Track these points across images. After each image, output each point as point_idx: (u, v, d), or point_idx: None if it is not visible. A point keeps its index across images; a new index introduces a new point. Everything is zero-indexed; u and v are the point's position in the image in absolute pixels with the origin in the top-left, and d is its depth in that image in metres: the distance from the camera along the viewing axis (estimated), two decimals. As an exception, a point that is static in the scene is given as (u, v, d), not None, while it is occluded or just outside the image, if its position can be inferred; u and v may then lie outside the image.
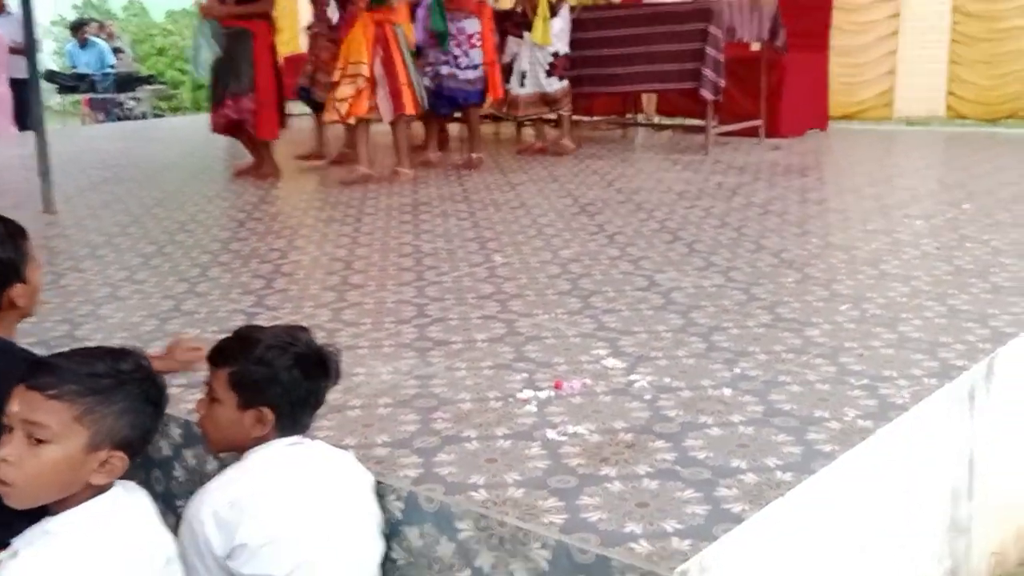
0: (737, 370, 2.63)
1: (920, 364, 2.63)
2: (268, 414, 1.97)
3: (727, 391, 2.48)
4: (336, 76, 5.79)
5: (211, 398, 2.01)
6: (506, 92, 6.77)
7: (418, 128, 7.05)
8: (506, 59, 6.79)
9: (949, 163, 6.56)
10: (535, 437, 2.23)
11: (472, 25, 6.41)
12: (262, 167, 6.30)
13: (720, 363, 2.69)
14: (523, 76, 6.72)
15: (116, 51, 13.00)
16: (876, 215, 4.69)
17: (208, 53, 6.04)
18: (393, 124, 6.02)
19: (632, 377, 2.60)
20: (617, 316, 3.18)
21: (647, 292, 3.46)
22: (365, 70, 5.69)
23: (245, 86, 6.06)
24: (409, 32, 5.96)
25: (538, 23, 6.57)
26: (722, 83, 6.56)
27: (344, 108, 5.75)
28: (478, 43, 6.42)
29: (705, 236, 4.31)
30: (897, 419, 2.28)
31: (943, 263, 3.73)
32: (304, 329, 2.13)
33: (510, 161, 6.77)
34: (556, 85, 6.73)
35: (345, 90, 5.72)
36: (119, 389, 1.76)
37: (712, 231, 4.40)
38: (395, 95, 5.79)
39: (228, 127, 6.24)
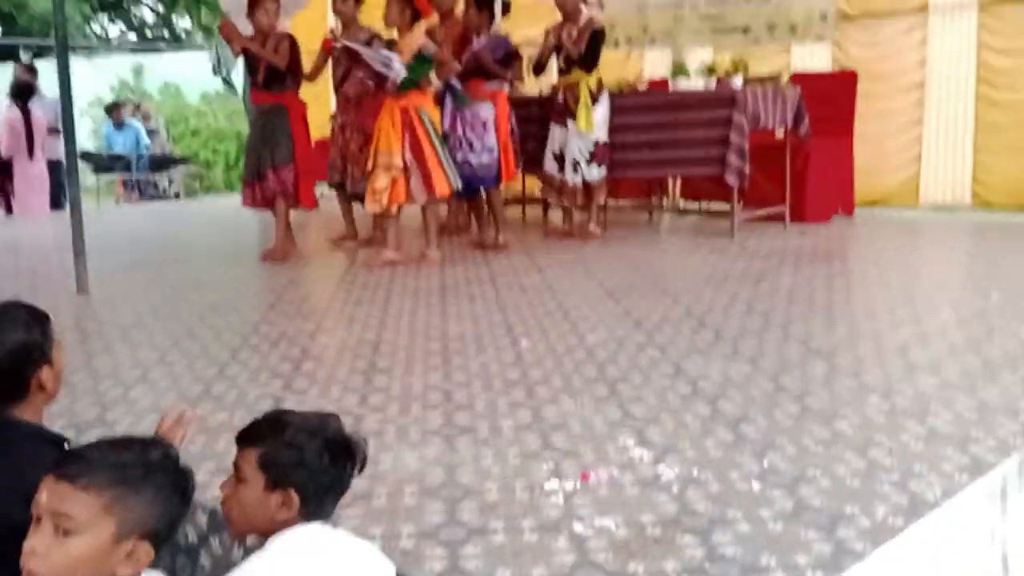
0: (766, 463, 2.61)
1: (951, 459, 2.60)
2: (294, 498, 1.97)
3: (756, 484, 2.46)
4: (370, 166, 5.90)
5: (238, 478, 2.02)
6: (559, 180, 6.87)
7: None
8: (555, 148, 6.90)
9: (976, 251, 6.55)
10: (561, 529, 2.22)
11: (486, 110, 6.54)
12: (284, 246, 6.36)
13: (748, 455, 2.68)
14: (575, 164, 6.82)
15: (151, 132, 13.29)
16: (903, 304, 4.68)
17: (229, 56, 6.17)
18: (423, 208, 6.11)
19: (659, 468, 2.59)
20: (644, 404, 3.18)
21: (674, 380, 3.46)
22: (397, 159, 5.80)
23: (285, 157, 6.18)
24: (435, 115, 6.07)
25: (581, 111, 6.67)
26: (747, 169, 6.61)
27: (384, 199, 5.85)
28: (491, 128, 6.55)
29: (732, 323, 4.31)
30: (928, 516, 2.25)
31: (972, 355, 3.71)
32: (334, 416, 2.14)
33: (537, 244, 6.83)
34: (597, 172, 6.83)
35: (381, 181, 5.82)
36: (147, 479, 1.76)
37: (739, 318, 4.40)
38: (426, 178, 5.89)
39: (264, 201, 6.33)
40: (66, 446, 2.10)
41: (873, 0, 7.95)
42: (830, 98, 7.54)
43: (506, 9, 6.71)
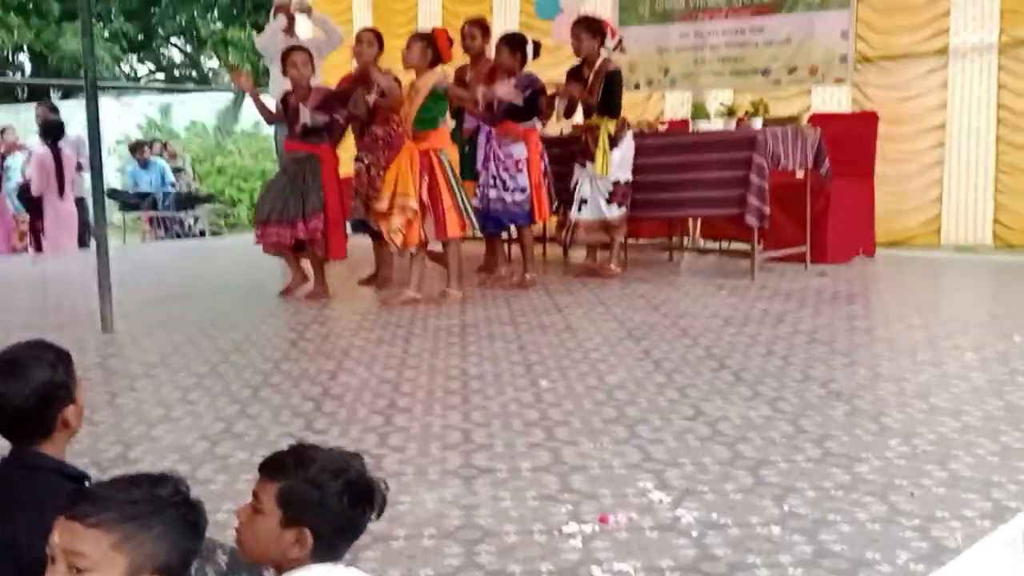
0: (786, 507, 2.61)
1: (973, 504, 2.59)
2: (308, 536, 1.98)
3: (776, 529, 2.46)
4: (385, 205, 5.94)
5: (255, 508, 2.03)
6: (567, 217, 6.93)
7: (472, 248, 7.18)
8: (573, 184, 6.97)
9: (997, 293, 6.52)
10: (580, 574, 2.22)
11: (519, 150, 6.59)
12: (315, 288, 6.41)
13: (768, 499, 2.67)
14: (583, 202, 6.86)
15: (177, 171, 13.46)
16: (924, 345, 4.67)
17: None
18: (444, 246, 6.15)
19: (678, 512, 2.59)
20: (663, 446, 3.18)
21: (693, 422, 3.45)
22: (413, 201, 5.85)
23: (315, 206, 6.22)
24: (454, 155, 6.13)
25: (599, 155, 6.73)
26: (767, 210, 6.62)
27: (399, 239, 5.92)
28: (524, 167, 6.60)
29: (752, 364, 4.30)
30: (950, 563, 2.24)
31: (994, 398, 3.69)
32: (358, 457, 2.15)
33: (557, 283, 6.85)
34: (616, 212, 6.86)
35: (396, 221, 5.88)
36: (157, 515, 1.78)
37: (759, 359, 4.40)
38: (439, 221, 5.94)
39: (282, 247, 6.37)
40: (87, 484, 2.13)
41: (893, 43, 7.98)
42: (851, 139, 7.55)
43: (537, 52, 6.79)
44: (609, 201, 6.84)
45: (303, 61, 6.29)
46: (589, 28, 6.80)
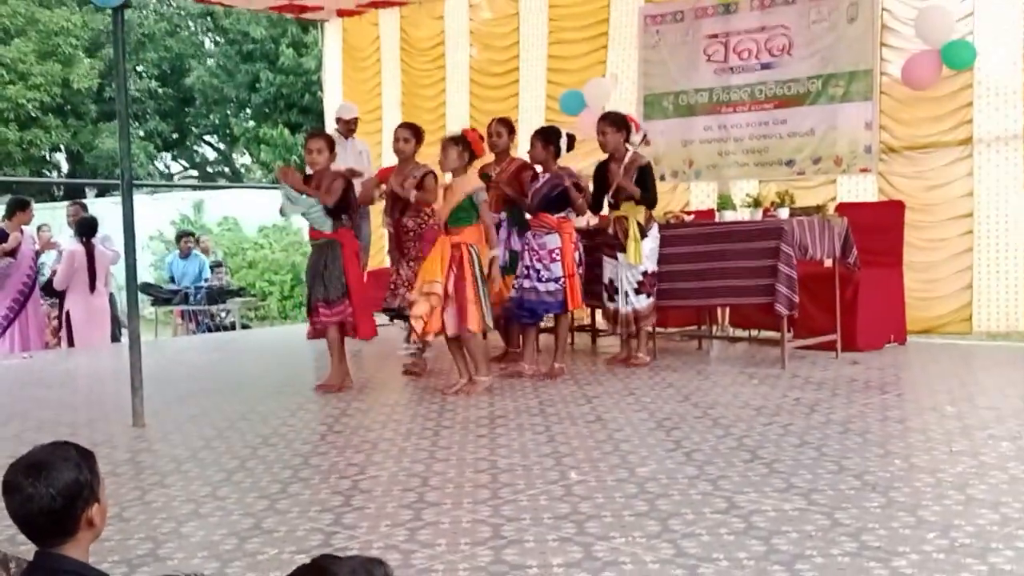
0: (822, 603, 2.55)
1: (1015, 600, 2.52)
2: None
3: (812, 626, 2.40)
4: (415, 295, 6.05)
5: None
6: (612, 310, 6.98)
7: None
8: (605, 279, 7.01)
9: (1034, 379, 6.43)
10: (613, 673, 2.18)
11: (553, 241, 6.69)
12: (331, 377, 6.43)
13: (804, 595, 2.62)
14: (626, 294, 6.93)
15: (217, 266, 13.66)
16: (959, 435, 4.60)
17: (290, 204, 6.41)
18: (464, 340, 6.17)
19: (713, 609, 2.54)
20: (696, 541, 3.13)
21: (727, 515, 3.41)
22: (439, 288, 5.93)
23: (338, 291, 6.30)
24: (483, 253, 6.20)
25: (631, 245, 6.80)
26: (796, 298, 6.62)
27: (419, 325, 5.99)
28: (558, 257, 6.68)
29: (785, 455, 4.25)
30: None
31: (1034, 488, 3.62)
32: (381, 563, 2.12)
33: (586, 372, 6.84)
34: (644, 302, 6.91)
35: (421, 307, 5.97)
36: None
37: (792, 450, 4.35)
38: (460, 311, 6.00)
39: (320, 332, 6.44)
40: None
41: (917, 133, 8.04)
42: (878, 228, 7.57)
43: (571, 145, 6.92)
44: (639, 291, 6.88)
45: (319, 148, 6.42)
46: (615, 123, 6.93)
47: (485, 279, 6.11)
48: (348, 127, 9.10)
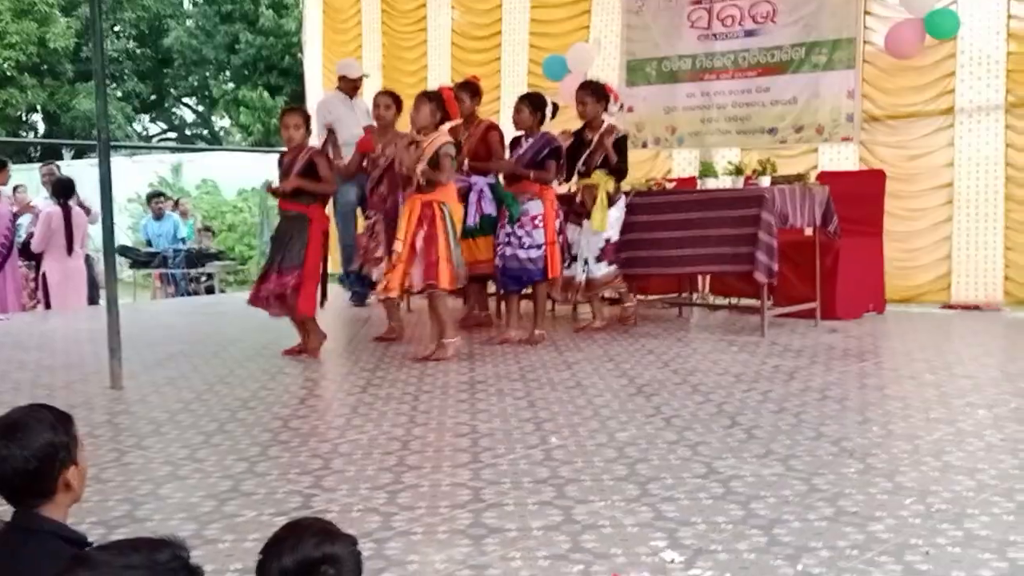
0: (800, 566, 2.57)
1: (989, 564, 2.55)
2: None
3: (789, 589, 2.42)
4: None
5: None
6: (569, 278, 6.97)
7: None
8: (569, 243, 7.02)
9: (1010, 350, 6.48)
10: (592, 634, 2.19)
11: (536, 207, 6.66)
12: (308, 342, 6.41)
13: (782, 559, 2.64)
14: (586, 262, 6.93)
15: (206, 228, 13.54)
16: (937, 403, 4.63)
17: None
18: (431, 299, 6.15)
19: (691, 572, 2.56)
20: (676, 505, 3.15)
21: (706, 480, 3.42)
22: (399, 246, 5.93)
23: (293, 262, 6.24)
24: (457, 211, 6.18)
25: (597, 212, 6.79)
26: (775, 267, 6.63)
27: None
28: (540, 224, 6.65)
29: (764, 421, 4.28)
30: (968, 624, 2.20)
31: (1009, 456, 3.65)
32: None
33: (566, 339, 6.84)
34: (604, 270, 6.94)
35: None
36: None
37: (771, 416, 4.37)
38: (428, 267, 5.96)
39: (263, 300, 6.39)
40: (87, 547, 2.12)
41: (899, 102, 8.05)
42: (858, 197, 7.58)
43: (555, 113, 6.89)
44: (599, 259, 6.91)
45: (295, 124, 6.35)
46: (595, 93, 6.92)
47: (458, 238, 6.10)
48: (353, 85, 8.86)
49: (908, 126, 8.04)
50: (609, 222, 6.86)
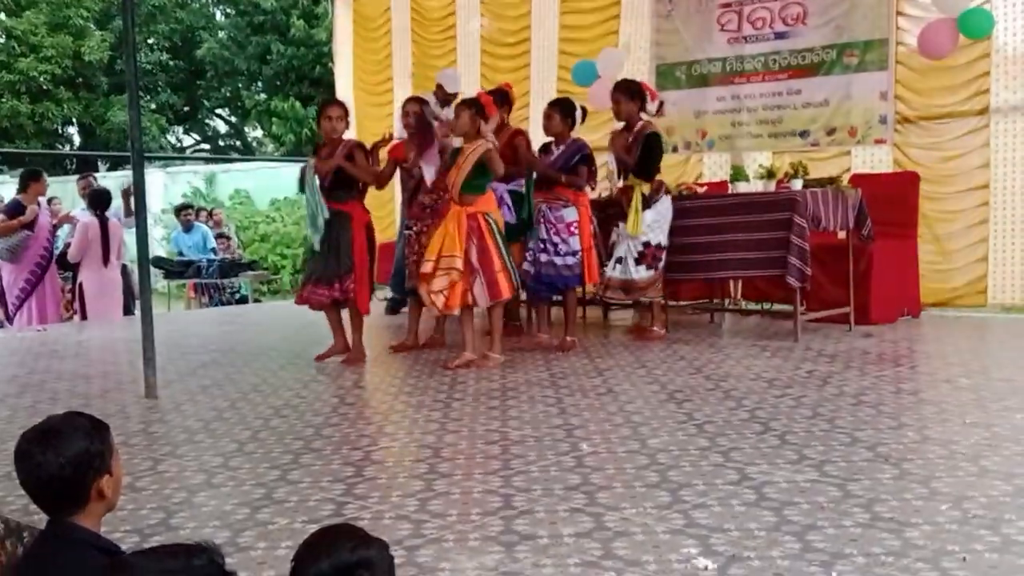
0: (834, 573, 2.55)
1: (1029, 571, 2.51)
2: None
3: (823, 596, 2.39)
4: (429, 267, 5.96)
5: None
6: (602, 274, 6.94)
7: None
8: (611, 243, 6.99)
9: (1049, 352, 6.39)
10: (624, 642, 2.17)
11: (570, 214, 6.65)
12: (351, 353, 6.44)
13: (816, 565, 2.61)
14: (617, 261, 6.89)
15: (222, 237, 13.64)
16: (973, 407, 4.57)
17: (319, 215, 6.35)
18: (489, 310, 6.16)
19: (724, 579, 2.53)
20: (708, 511, 3.12)
21: (738, 486, 3.40)
22: (459, 263, 5.88)
23: (347, 267, 6.29)
24: (500, 219, 6.17)
25: (631, 215, 6.75)
26: (808, 271, 6.58)
27: (440, 301, 5.93)
28: (576, 231, 6.65)
29: (797, 427, 4.24)
30: (1007, 632, 2.17)
31: (1048, 460, 3.59)
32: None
33: (597, 345, 6.82)
34: (644, 273, 6.83)
35: (440, 282, 5.90)
36: None
37: (804, 422, 4.33)
38: (491, 283, 5.96)
39: (324, 305, 6.43)
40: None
41: (933, 103, 7.96)
42: (892, 199, 7.51)
43: (584, 117, 6.87)
44: (639, 262, 6.82)
45: (338, 115, 6.40)
46: (628, 91, 6.85)
47: (507, 245, 6.09)
48: (446, 98, 8.62)
49: (942, 127, 7.95)
50: (646, 224, 6.77)
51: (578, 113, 6.77)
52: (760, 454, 3.81)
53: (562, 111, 6.73)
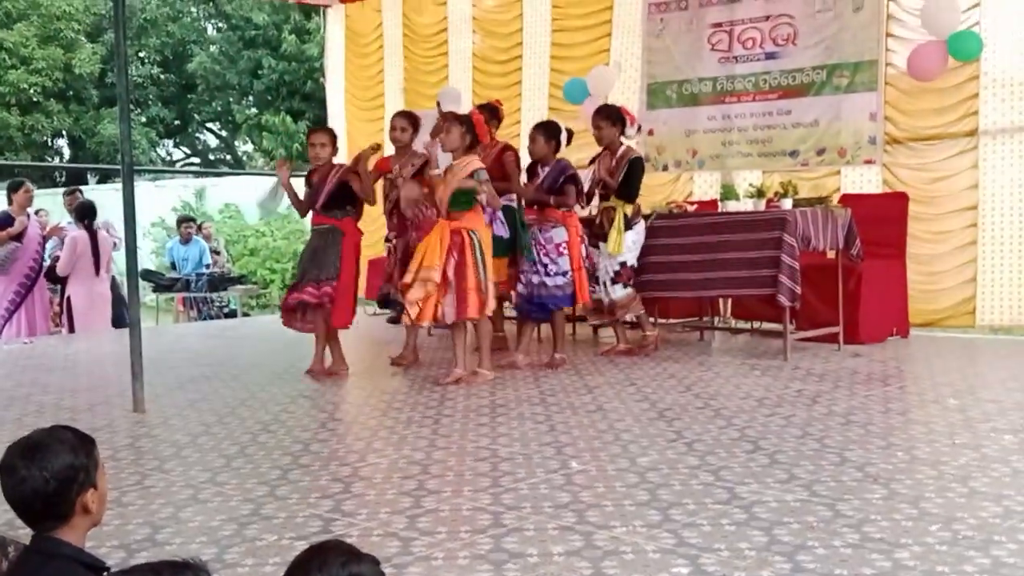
0: (824, 594, 2.54)
1: (1019, 593, 2.51)
2: None
3: (814, 617, 2.39)
4: (409, 278, 5.97)
5: None
6: (598, 300, 6.96)
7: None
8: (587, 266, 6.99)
9: (1036, 373, 6.40)
10: (614, 663, 2.16)
11: (560, 234, 6.67)
12: (332, 365, 6.44)
13: (806, 586, 2.60)
14: (604, 285, 6.93)
15: (214, 251, 13.61)
16: (962, 428, 4.58)
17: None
18: (476, 326, 6.15)
19: (714, 599, 2.52)
20: (698, 531, 3.11)
21: (728, 505, 3.39)
22: (436, 275, 5.88)
23: (329, 274, 6.29)
24: (486, 236, 6.16)
25: (613, 235, 6.79)
26: (798, 290, 6.59)
27: (415, 312, 5.94)
28: (565, 251, 6.67)
29: (787, 446, 4.24)
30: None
31: (1037, 481, 3.60)
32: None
33: (587, 363, 6.82)
34: (620, 292, 6.92)
35: (416, 293, 5.92)
36: None
37: (794, 441, 4.33)
38: (460, 300, 5.95)
39: (296, 312, 6.41)
40: (107, 572, 2.12)
41: (922, 125, 8.00)
42: (881, 220, 7.54)
43: (569, 139, 6.90)
44: (615, 281, 6.90)
45: (321, 142, 6.44)
46: (609, 117, 6.94)
47: (488, 264, 6.08)
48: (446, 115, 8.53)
49: (931, 149, 7.98)
50: (626, 245, 6.85)
51: (563, 136, 6.79)
52: (750, 473, 3.81)
53: (546, 133, 6.76)
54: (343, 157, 7.55)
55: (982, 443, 4.25)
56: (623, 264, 6.90)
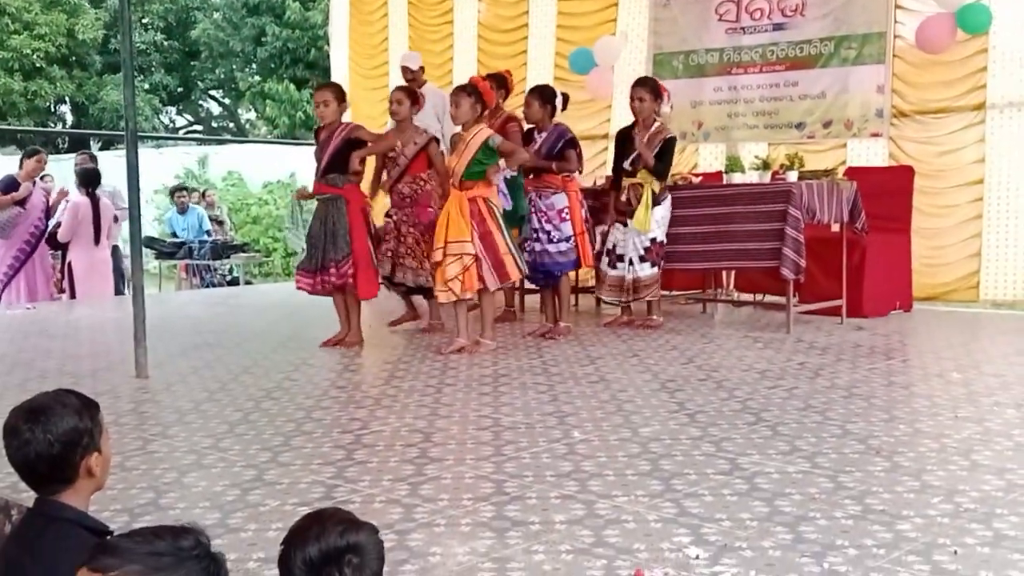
0: (826, 564, 2.55)
1: (1017, 565, 2.52)
2: None
3: (815, 587, 2.39)
4: (438, 256, 5.93)
5: None
6: (618, 278, 6.86)
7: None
8: (609, 245, 6.90)
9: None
10: (615, 630, 2.17)
11: (561, 200, 6.66)
12: (348, 336, 6.43)
13: (808, 556, 2.61)
14: (619, 259, 6.81)
15: (217, 221, 13.58)
16: (965, 402, 4.58)
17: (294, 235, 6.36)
18: (481, 296, 6.13)
19: (716, 568, 2.53)
20: (699, 501, 3.12)
21: (730, 476, 3.39)
22: (469, 247, 5.86)
23: (343, 251, 6.27)
24: (498, 203, 6.15)
25: (641, 211, 6.66)
26: (803, 263, 6.57)
27: (457, 287, 5.90)
28: (567, 216, 6.66)
29: (789, 418, 4.24)
30: (998, 626, 2.17)
31: (1039, 455, 3.60)
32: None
33: (590, 334, 6.82)
34: (648, 271, 6.79)
35: (453, 269, 5.87)
36: (179, 567, 1.76)
37: (796, 413, 4.33)
38: (498, 266, 5.97)
39: (324, 291, 6.43)
40: (108, 538, 2.12)
41: (929, 97, 7.95)
42: (887, 193, 7.50)
43: (565, 104, 6.84)
44: (643, 259, 6.78)
45: (324, 100, 6.41)
46: (653, 91, 6.75)
47: (509, 228, 6.08)
48: (414, 77, 8.06)
49: (938, 122, 7.93)
50: (655, 221, 6.72)
51: (559, 100, 6.73)
52: (752, 444, 3.81)
53: (542, 98, 6.70)
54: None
55: (985, 417, 4.26)
56: (653, 240, 6.72)
